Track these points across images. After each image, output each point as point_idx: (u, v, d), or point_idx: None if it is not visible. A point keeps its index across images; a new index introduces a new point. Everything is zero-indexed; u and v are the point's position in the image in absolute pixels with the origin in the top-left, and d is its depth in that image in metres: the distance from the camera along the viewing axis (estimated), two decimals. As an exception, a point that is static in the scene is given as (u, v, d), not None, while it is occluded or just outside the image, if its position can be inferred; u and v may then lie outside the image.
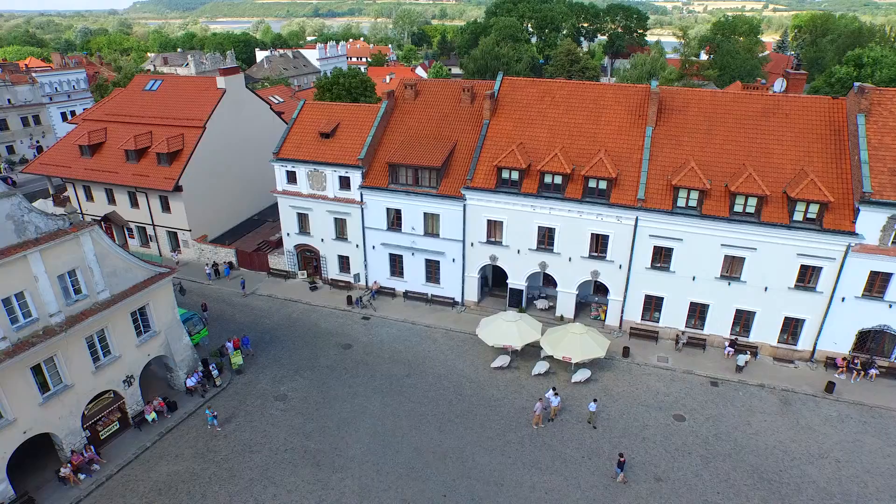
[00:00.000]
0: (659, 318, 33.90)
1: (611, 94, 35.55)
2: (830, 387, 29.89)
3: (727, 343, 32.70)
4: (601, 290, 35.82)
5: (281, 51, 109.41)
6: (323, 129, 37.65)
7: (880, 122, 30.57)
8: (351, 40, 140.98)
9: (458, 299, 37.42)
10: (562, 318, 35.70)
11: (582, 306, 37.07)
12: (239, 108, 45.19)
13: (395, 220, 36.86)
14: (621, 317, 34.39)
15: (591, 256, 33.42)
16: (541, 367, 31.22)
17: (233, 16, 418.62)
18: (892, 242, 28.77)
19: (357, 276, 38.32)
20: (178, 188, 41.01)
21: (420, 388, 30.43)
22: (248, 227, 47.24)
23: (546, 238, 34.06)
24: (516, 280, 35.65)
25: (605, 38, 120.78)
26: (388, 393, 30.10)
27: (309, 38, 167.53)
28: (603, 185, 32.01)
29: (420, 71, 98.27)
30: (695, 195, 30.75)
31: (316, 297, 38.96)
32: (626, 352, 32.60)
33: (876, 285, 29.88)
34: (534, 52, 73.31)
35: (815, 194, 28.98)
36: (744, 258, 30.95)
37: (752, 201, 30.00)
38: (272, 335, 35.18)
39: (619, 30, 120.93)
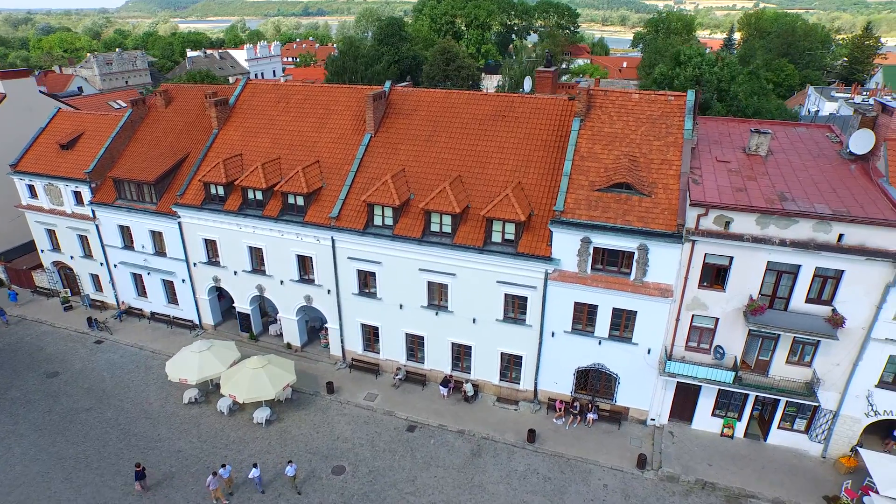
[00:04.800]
0: (380, 350, 30.42)
1: (343, 99, 31.95)
2: (532, 435, 25.92)
3: (440, 382, 29.01)
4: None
5: (209, 51, 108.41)
6: (62, 141, 35.33)
7: (595, 128, 26.24)
8: (298, 39, 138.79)
9: (198, 322, 34.67)
10: (289, 345, 32.50)
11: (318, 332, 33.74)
12: (29, 116, 43.03)
13: (129, 238, 34.27)
14: (342, 346, 30.95)
15: (301, 280, 30.11)
16: (223, 403, 28.19)
17: (223, 14, 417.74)
18: (592, 269, 24.69)
19: (85, 297, 35.86)
20: (-59, 201, 39.44)
21: (89, 425, 27.74)
22: (50, 240, 45.39)
23: (258, 259, 30.88)
24: (241, 303, 32.57)
25: (535, 35, 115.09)
26: (52, 431, 27.47)
27: (278, 38, 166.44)
28: (301, 201, 28.70)
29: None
30: (390, 213, 27.17)
31: (65, 317, 36.59)
32: (330, 387, 29.20)
33: (584, 319, 25.71)
34: (414, 50, 69.17)
35: (507, 213, 24.97)
36: (446, 285, 27.23)
37: (448, 220, 26.28)
38: (-13, 361, 33.15)
39: (550, 27, 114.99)
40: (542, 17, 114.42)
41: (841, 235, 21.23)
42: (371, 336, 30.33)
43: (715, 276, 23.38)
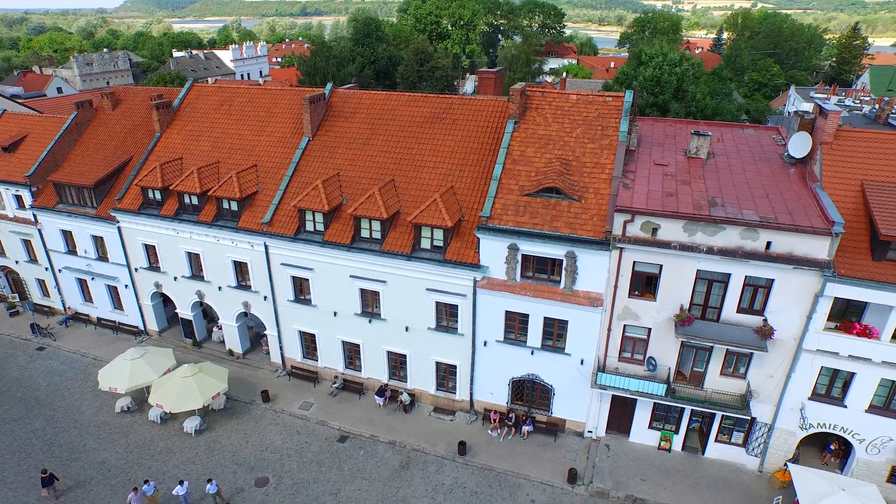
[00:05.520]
0: (318, 358, 29.76)
1: (285, 102, 31.27)
2: (462, 448, 25.17)
3: (376, 391, 28.30)
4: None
5: (194, 52, 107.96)
6: (3, 143, 34.78)
7: (530, 130, 25.49)
8: (287, 40, 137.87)
9: (143, 328, 34.10)
10: (231, 352, 31.87)
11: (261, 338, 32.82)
12: (-16, 119, 42.77)
13: (72, 243, 33.73)
14: (282, 354, 30.30)
15: (239, 286, 29.45)
16: (154, 412, 27.56)
17: (221, 14, 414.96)
18: (522, 277, 23.92)
19: (27, 303, 35.34)
20: None
21: (13, 436, 27.01)
22: None
23: (197, 265, 30.27)
24: (182, 309, 31.96)
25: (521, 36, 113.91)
26: (-26, 442, 26.98)
27: (271, 38, 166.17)
28: (235, 206, 28.05)
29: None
30: (321, 218, 26.49)
31: (10, 323, 35.95)
32: (265, 395, 28.54)
33: (516, 328, 24.95)
34: (391, 51, 68.38)
35: (435, 219, 24.22)
36: (378, 292, 26.53)
37: (377, 226, 25.58)
38: (-76, 369, 32.62)
39: (536, 27, 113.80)
40: (528, 17, 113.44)
41: (769, 243, 20.38)
42: (309, 343, 29.66)
43: (645, 284, 22.56)
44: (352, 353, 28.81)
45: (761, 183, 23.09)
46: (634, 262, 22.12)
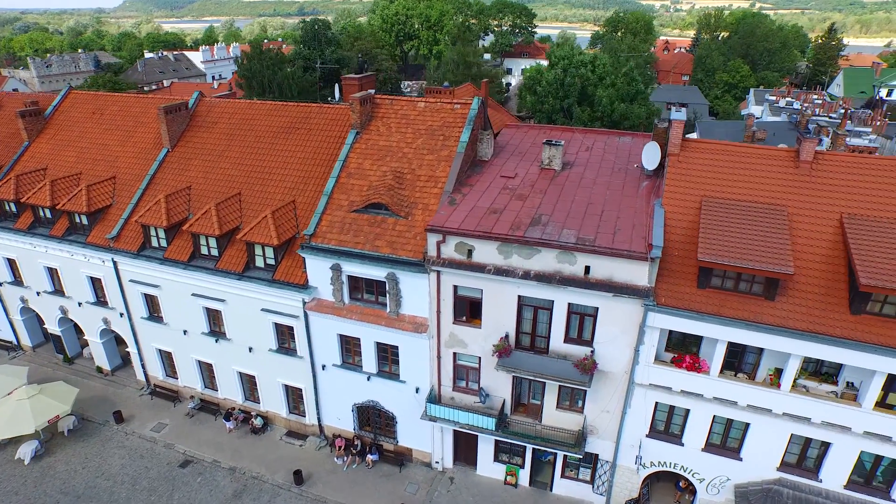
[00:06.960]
0: (178, 376, 28.55)
1: (154, 110, 29.90)
2: (299, 476, 23.76)
3: (223, 415, 27.05)
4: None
5: (164, 53, 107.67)
6: None
7: (371, 141, 23.97)
8: (266, 41, 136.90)
9: (16, 343, 33.22)
10: (99, 369, 30.83)
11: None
12: None
13: (-50, 254, 33.09)
14: (144, 371, 29.16)
15: (97, 302, 28.40)
16: (-3, 435, 26.63)
17: (219, 14, 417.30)
18: (351, 300, 22.42)
19: None
20: None
21: None
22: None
23: (57, 280, 29.22)
24: (50, 325, 30.95)
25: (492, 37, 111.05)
26: None
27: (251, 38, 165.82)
28: (86, 220, 26.95)
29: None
30: (163, 234, 25.22)
31: None
32: (118, 416, 27.41)
33: (352, 352, 23.48)
34: (339, 53, 67.01)
35: (262, 236, 22.85)
36: (220, 311, 25.22)
37: (214, 242, 24.25)
38: None
39: (507, 27, 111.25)
40: (498, 17, 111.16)
41: (588, 268, 18.69)
42: (170, 361, 28.53)
43: (470, 310, 20.94)
44: (208, 372, 27.63)
45: (604, 198, 21.28)
46: (456, 286, 20.53)
